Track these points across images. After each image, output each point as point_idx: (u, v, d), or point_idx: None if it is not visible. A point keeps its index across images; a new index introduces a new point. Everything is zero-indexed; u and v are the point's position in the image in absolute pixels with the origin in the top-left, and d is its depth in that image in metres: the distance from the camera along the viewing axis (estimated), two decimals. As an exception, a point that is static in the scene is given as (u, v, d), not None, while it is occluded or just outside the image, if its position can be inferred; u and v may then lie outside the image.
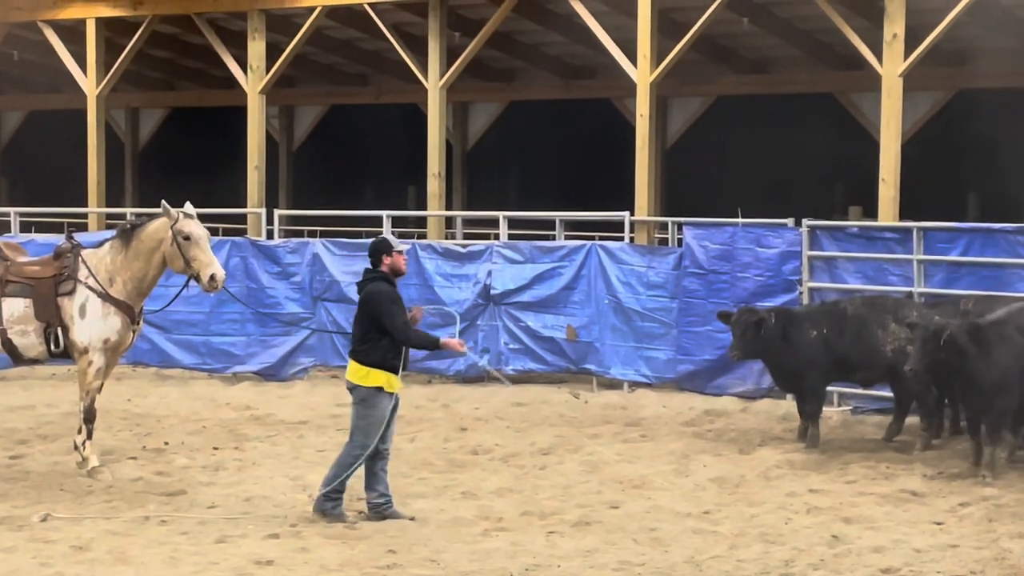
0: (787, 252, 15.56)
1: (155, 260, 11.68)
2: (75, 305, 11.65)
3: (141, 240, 11.72)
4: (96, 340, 11.66)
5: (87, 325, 11.66)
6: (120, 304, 11.67)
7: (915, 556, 9.31)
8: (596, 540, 9.75)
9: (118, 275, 11.70)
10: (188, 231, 11.54)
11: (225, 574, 8.84)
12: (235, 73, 19.76)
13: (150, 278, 11.77)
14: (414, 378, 17.15)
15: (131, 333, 11.86)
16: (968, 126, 22.40)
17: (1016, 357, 11.89)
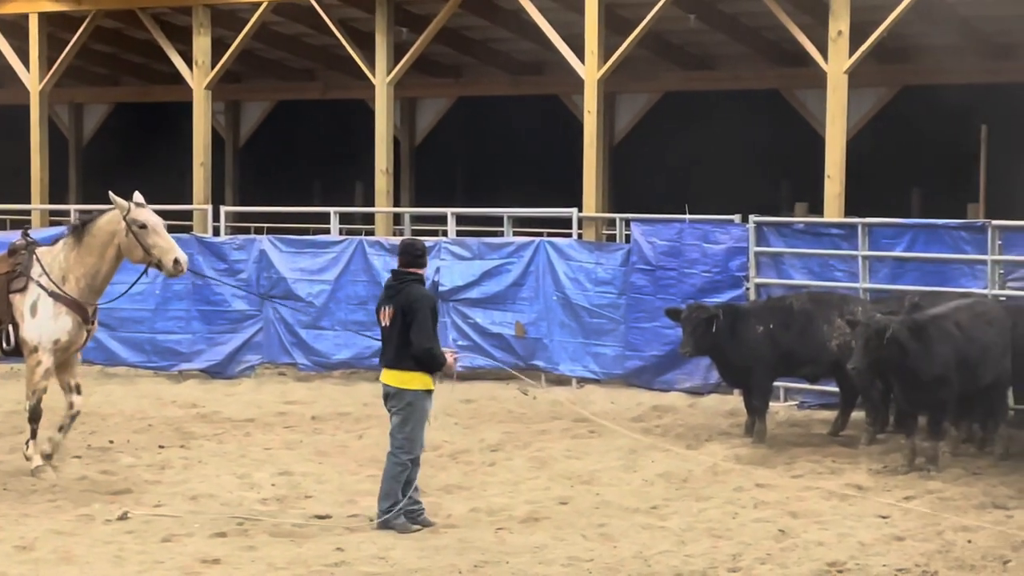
0: (734, 248, 15.64)
1: (108, 254, 11.54)
2: (27, 303, 11.51)
3: (93, 235, 11.58)
4: (46, 340, 11.51)
5: (37, 324, 11.51)
6: (72, 303, 11.52)
7: (861, 550, 9.38)
8: (545, 536, 9.77)
9: (71, 273, 11.55)
10: (143, 219, 11.42)
11: (171, 573, 8.78)
12: (180, 68, 19.62)
13: (103, 274, 11.61)
14: (362, 375, 17.14)
15: (84, 333, 11.70)
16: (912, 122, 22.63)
17: (956, 351, 12.01)
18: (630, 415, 14.76)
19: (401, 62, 18.41)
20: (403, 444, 9.84)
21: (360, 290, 17.33)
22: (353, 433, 13.85)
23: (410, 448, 9.85)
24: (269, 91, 27.75)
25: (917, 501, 10.82)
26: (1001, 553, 9.23)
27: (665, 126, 24.56)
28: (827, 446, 13.09)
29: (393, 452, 9.89)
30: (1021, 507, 10.55)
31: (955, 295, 13.53)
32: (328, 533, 9.84)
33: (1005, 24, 20.05)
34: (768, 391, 13.81)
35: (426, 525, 9.97)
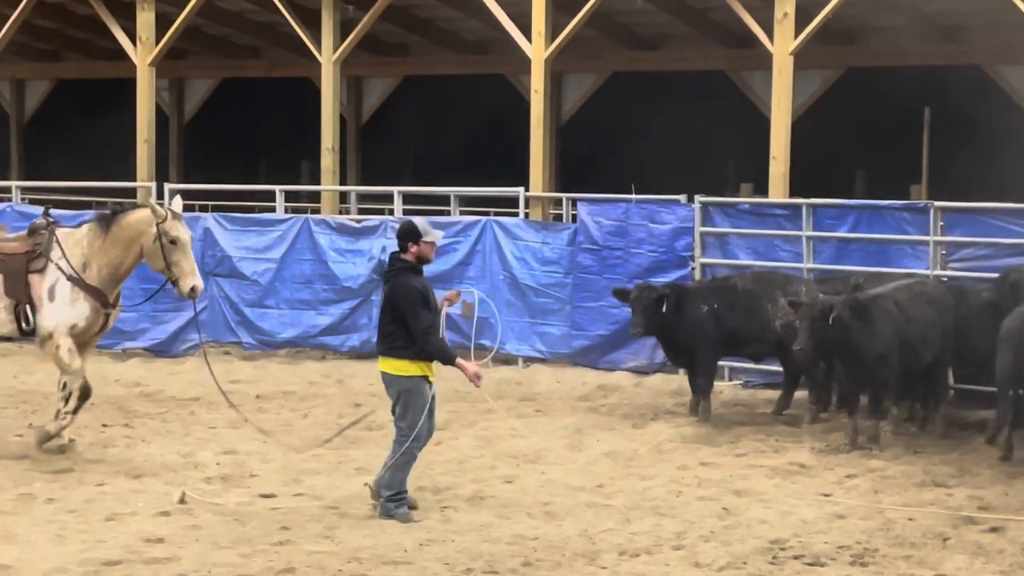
0: (680, 228, 15.70)
1: (133, 250, 11.37)
2: (45, 286, 11.36)
3: (121, 228, 11.39)
4: (62, 325, 11.34)
5: (54, 309, 11.35)
6: (92, 290, 11.36)
7: (803, 527, 9.47)
8: (490, 515, 9.79)
9: (94, 260, 11.38)
10: (175, 235, 11.22)
11: (114, 552, 8.72)
12: (124, 44, 19.44)
13: (126, 267, 11.48)
14: (308, 354, 17.09)
15: (102, 318, 11.53)
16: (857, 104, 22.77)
17: (897, 331, 12.12)
18: (576, 394, 14.81)
19: (347, 40, 18.32)
20: (407, 433, 9.58)
21: (306, 269, 17.26)
22: (298, 412, 13.82)
23: (408, 434, 9.57)
24: (214, 68, 27.52)
25: (859, 479, 10.94)
26: (941, 531, 9.35)
27: (612, 107, 24.60)
28: (771, 425, 13.19)
29: (398, 441, 9.65)
30: (961, 485, 10.69)
31: (898, 275, 13.66)
32: (274, 512, 9.81)
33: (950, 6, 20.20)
34: (712, 370, 13.89)
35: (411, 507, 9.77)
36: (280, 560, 8.58)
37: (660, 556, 8.79)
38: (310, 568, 8.40)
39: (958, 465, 11.34)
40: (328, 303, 17.24)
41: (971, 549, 8.90)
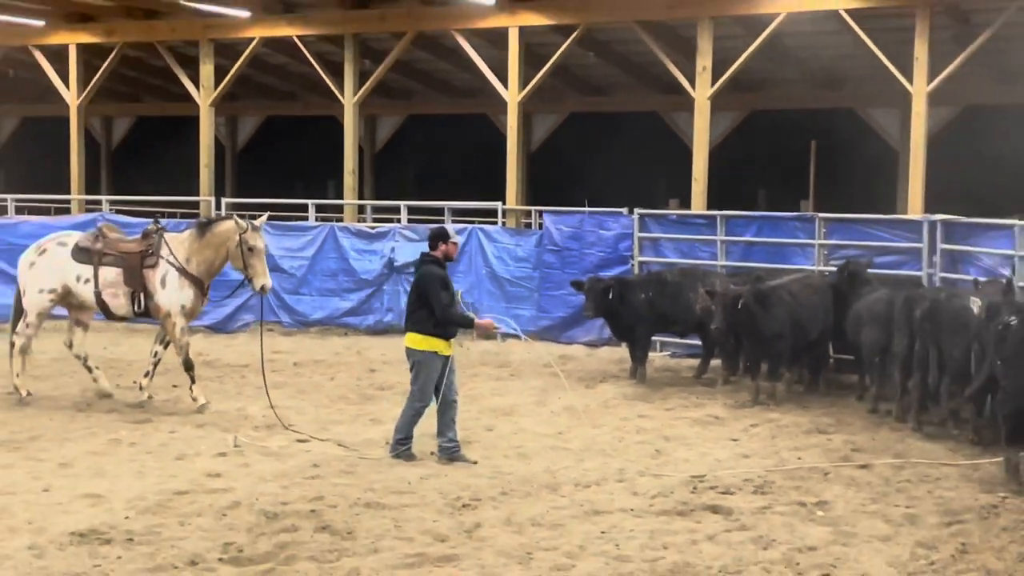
0: (622, 234, 15.70)
1: (222, 252, 11.36)
2: (157, 276, 11.38)
3: (214, 234, 11.37)
4: (175, 305, 11.39)
5: (167, 294, 11.38)
6: (193, 279, 11.40)
7: (717, 464, 9.50)
8: (474, 454, 9.78)
9: (193, 257, 11.40)
10: (253, 243, 11.22)
11: (183, 484, 8.70)
12: (189, 89, 19.34)
13: (217, 264, 11.47)
14: (334, 331, 17.04)
15: (201, 302, 11.59)
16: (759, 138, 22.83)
17: (789, 313, 12.17)
18: (542, 363, 14.78)
19: (364, 87, 18.27)
20: (415, 394, 9.54)
21: (332, 264, 17.21)
22: (326, 376, 13.78)
23: (421, 397, 9.51)
24: (260, 108, 27.44)
25: (760, 428, 10.96)
26: (823, 467, 9.38)
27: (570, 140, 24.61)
28: (692, 386, 13.21)
29: (409, 399, 9.61)
30: (839, 432, 10.72)
31: (790, 271, 13.70)
32: (307, 454, 9.79)
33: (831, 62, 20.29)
34: (648, 344, 13.90)
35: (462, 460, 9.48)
36: (312, 490, 8.57)
37: (606, 487, 8.81)
38: (335, 496, 8.39)
39: (836, 417, 11.37)
40: (349, 291, 17.19)
41: (846, 481, 8.94)
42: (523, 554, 7.21)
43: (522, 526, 7.76)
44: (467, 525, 7.78)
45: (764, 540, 7.46)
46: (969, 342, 10.04)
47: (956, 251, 13.31)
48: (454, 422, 9.67)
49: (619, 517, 7.96)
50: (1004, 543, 7.40)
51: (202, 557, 7.10)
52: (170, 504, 8.17)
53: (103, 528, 7.58)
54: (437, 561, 7.08)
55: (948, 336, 10.30)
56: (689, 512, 8.10)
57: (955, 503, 8.29)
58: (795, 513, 8.08)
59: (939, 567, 6.99)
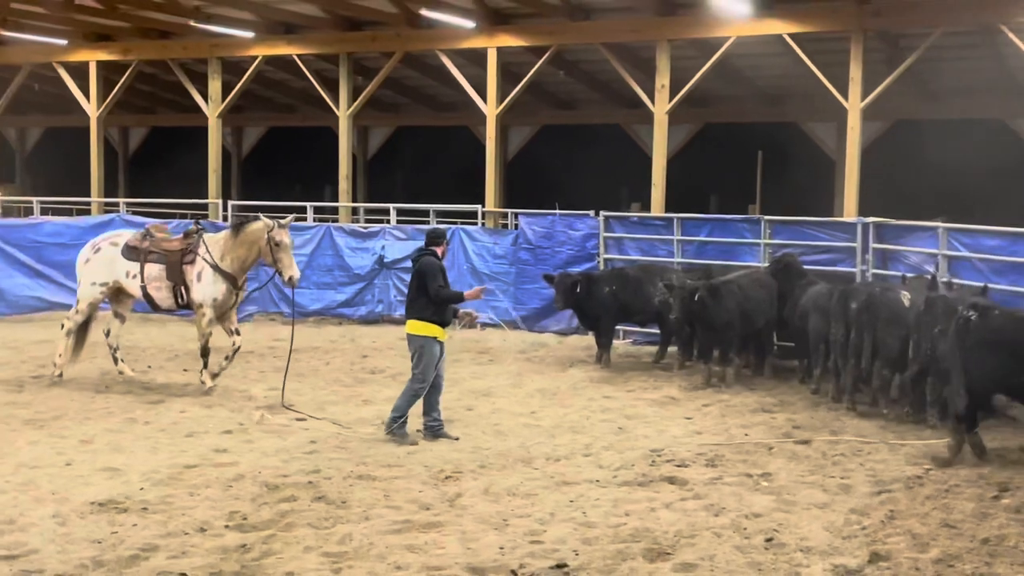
0: (589, 234, 15.71)
1: (254, 250, 11.28)
2: (195, 272, 11.36)
3: (246, 233, 11.29)
4: (208, 298, 11.35)
5: (202, 287, 11.35)
6: (226, 275, 11.34)
7: (673, 440, 9.52)
8: (456, 432, 9.76)
9: (227, 255, 11.34)
10: (279, 239, 11.12)
11: (192, 459, 8.66)
12: (199, 102, 19.20)
13: (250, 261, 11.38)
14: (329, 321, 16.96)
15: (234, 296, 11.48)
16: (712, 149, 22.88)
17: (738, 305, 12.20)
18: (517, 349, 14.80)
19: (357, 101, 18.20)
20: (418, 376, 9.39)
21: (328, 261, 17.15)
22: (322, 360, 13.73)
23: (422, 379, 9.37)
24: (263, 119, 27.26)
25: (712, 407, 10.98)
26: (768, 443, 9.42)
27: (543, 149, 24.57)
28: (651, 370, 13.23)
29: (411, 381, 9.45)
30: (782, 411, 10.76)
31: (739, 267, 13.74)
32: (305, 432, 9.74)
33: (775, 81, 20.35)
34: (612, 333, 13.91)
35: (445, 437, 9.40)
36: (309, 464, 8.54)
37: (574, 460, 8.81)
38: (331, 469, 8.36)
39: (780, 398, 11.41)
40: (344, 285, 17.13)
41: (788, 455, 8.98)
42: (500, 521, 7.21)
43: (499, 496, 7.76)
44: (449, 495, 7.77)
45: (715, 508, 7.49)
46: (902, 331, 10.12)
47: (886, 250, 13.40)
48: (439, 403, 9.62)
49: (586, 487, 7.97)
50: (928, 510, 7.45)
51: (210, 524, 7.07)
52: (181, 477, 8.13)
53: (120, 498, 7.54)
54: (422, 527, 7.07)
55: (883, 326, 10.37)
56: (648, 483, 8.11)
57: (884, 474, 8.34)
58: (742, 484, 8.11)
59: (870, 531, 7.03)
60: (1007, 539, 6.80)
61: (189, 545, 6.71)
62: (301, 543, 6.76)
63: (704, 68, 15.77)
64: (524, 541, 6.83)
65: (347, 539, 6.82)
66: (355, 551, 6.63)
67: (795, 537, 6.91)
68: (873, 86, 14.64)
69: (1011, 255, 11.46)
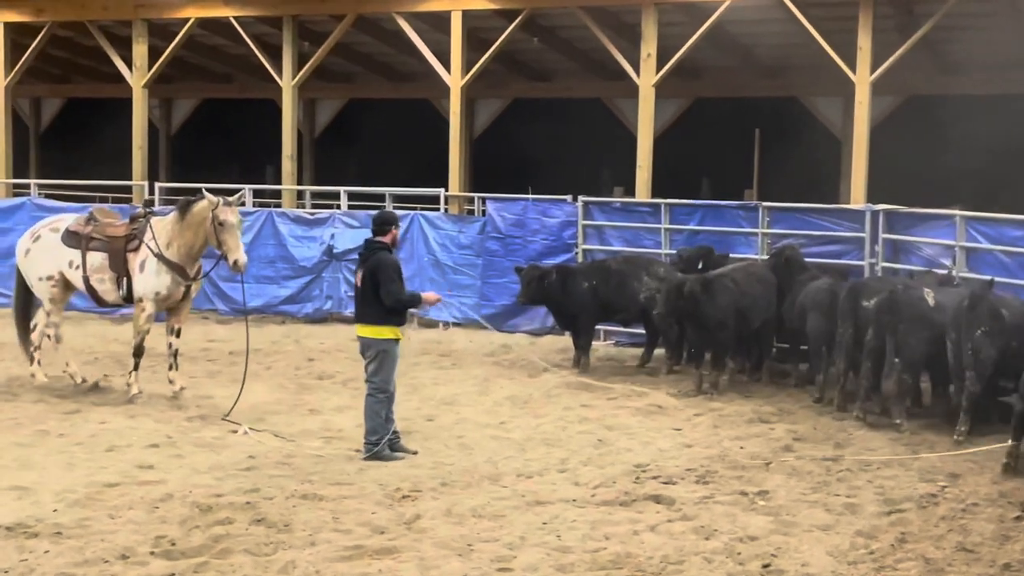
0: (566, 221, 15.74)
1: (200, 234, 11.17)
2: (137, 261, 11.27)
3: (192, 214, 11.20)
4: (149, 291, 11.25)
5: (143, 279, 11.26)
6: (172, 265, 11.22)
7: (660, 454, 9.55)
8: (415, 445, 9.75)
9: (174, 241, 11.24)
10: (223, 218, 11.02)
11: (113, 476, 8.58)
12: (122, 70, 19.04)
13: (197, 247, 11.26)
14: (271, 319, 16.89)
15: (182, 288, 11.36)
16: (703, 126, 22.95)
17: (733, 302, 12.25)
18: (484, 351, 14.82)
19: (303, 69, 18.11)
20: (380, 385, 9.35)
21: (270, 251, 17.08)
22: (263, 365, 13.66)
23: (384, 388, 9.36)
24: (195, 90, 27.06)
25: (703, 417, 11.03)
26: (764, 457, 9.48)
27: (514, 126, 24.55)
28: (635, 375, 13.27)
29: (371, 393, 9.37)
30: (781, 422, 10.83)
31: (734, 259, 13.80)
32: (242, 445, 9.70)
33: (775, 51, 20.44)
34: (591, 333, 13.95)
35: (403, 451, 9.44)
36: (247, 482, 8.49)
37: (549, 477, 8.82)
38: (271, 488, 8.32)
39: (778, 406, 11.48)
40: (288, 279, 17.07)
41: (787, 471, 9.03)
42: (463, 546, 7.20)
43: (463, 517, 7.76)
44: (406, 517, 7.75)
45: (706, 530, 7.52)
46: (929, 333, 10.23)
47: (898, 240, 13.51)
48: (392, 412, 9.57)
49: (561, 508, 7.97)
50: (943, 532, 7.52)
51: (133, 551, 7.01)
52: (100, 497, 8.06)
53: (30, 521, 7.45)
54: (376, 553, 7.05)
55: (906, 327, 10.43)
56: (631, 502, 8.13)
57: (895, 492, 8.41)
58: (736, 503, 8.15)
59: (878, 556, 7.09)
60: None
61: (109, 574, 6.65)
62: (238, 572, 6.72)
63: (695, 36, 15.82)
64: (491, 568, 6.83)
65: (290, 567, 6.79)
66: (299, 581, 6.60)
67: (795, 563, 6.95)
68: (884, 57, 14.75)
69: (1036, 247, 11.57)
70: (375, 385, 9.39)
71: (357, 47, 22.47)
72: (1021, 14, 16.03)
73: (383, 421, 9.39)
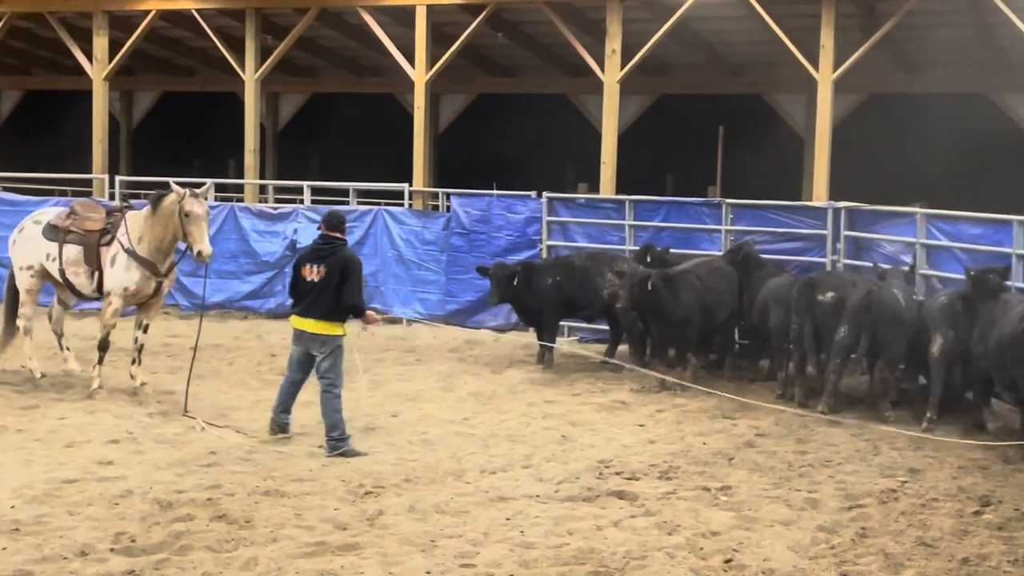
0: (531, 217, 15.73)
1: (170, 227, 11.06)
2: (109, 256, 11.26)
3: (162, 208, 11.11)
4: (118, 286, 11.21)
5: (113, 273, 11.22)
6: (142, 260, 11.16)
7: (623, 450, 9.59)
8: (379, 441, 9.75)
9: (145, 236, 11.18)
10: (189, 209, 10.92)
11: (72, 472, 8.51)
12: (82, 63, 18.85)
13: (168, 241, 11.16)
14: (233, 315, 16.78)
15: (152, 283, 11.28)
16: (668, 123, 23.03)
17: (697, 298, 12.31)
18: (448, 347, 14.80)
19: (266, 63, 18.00)
20: (335, 380, 9.45)
21: (232, 246, 16.95)
22: (225, 361, 13.59)
23: (337, 381, 9.47)
24: (157, 83, 26.81)
25: (666, 413, 11.09)
26: (728, 452, 9.54)
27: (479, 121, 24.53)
28: (599, 371, 13.27)
29: (327, 389, 9.45)
30: (744, 418, 10.89)
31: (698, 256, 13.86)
32: (203, 440, 9.64)
33: (739, 48, 20.54)
34: (555, 329, 13.96)
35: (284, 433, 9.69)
36: (209, 478, 8.44)
37: (512, 473, 8.84)
38: (233, 484, 8.28)
39: (741, 402, 11.48)
40: (250, 274, 16.96)
41: (750, 466, 9.10)
42: (427, 542, 7.20)
43: (426, 513, 7.75)
44: (369, 513, 7.74)
45: (668, 526, 7.56)
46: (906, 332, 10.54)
47: (860, 238, 13.62)
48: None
49: (524, 503, 7.99)
50: (903, 527, 7.60)
51: (92, 547, 6.95)
52: (59, 493, 7.98)
53: (-13, 519, 7.37)
54: (338, 550, 7.03)
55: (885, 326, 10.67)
56: (594, 498, 8.16)
57: (855, 488, 8.49)
58: (699, 498, 8.19)
59: (839, 551, 7.16)
60: (988, 559, 6.97)
61: (68, 571, 6.59)
62: (198, 568, 6.68)
63: (660, 32, 15.87)
64: (454, 564, 6.83)
65: (252, 564, 6.76)
66: (261, 577, 6.57)
67: (757, 558, 7.00)
68: (846, 55, 14.86)
69: (995, 244, 11.71)
70: (330, 381, 9.46)
71: (321, 41, 22.35)
72: (982, 13, 16.20)
73: (341, 416, 9.43)
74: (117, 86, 24.17)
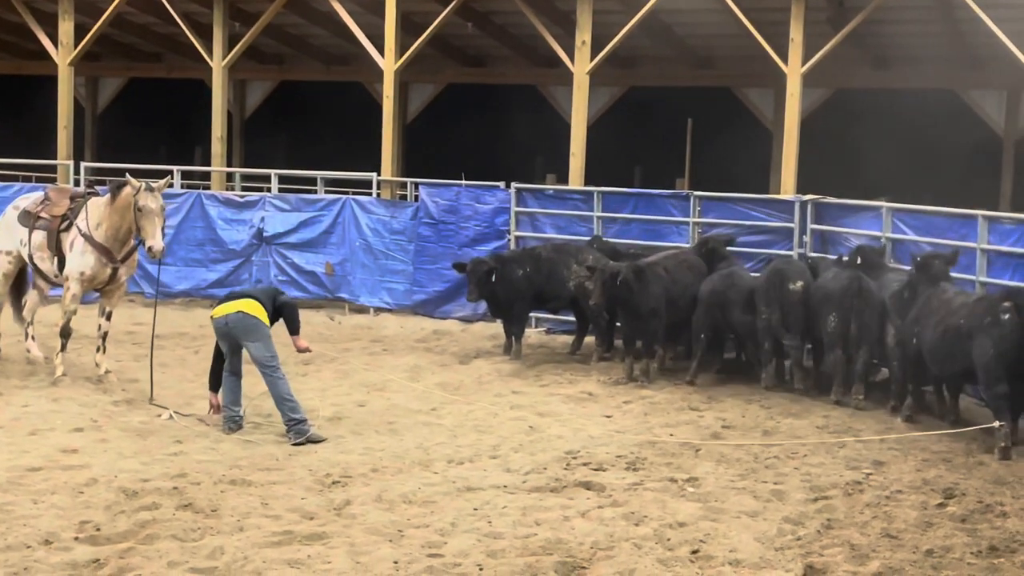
0: (499, 208, 15.72)
1: (127, 218, 11.06)
2: (68, 241, 11.28)
3: (120, 198, 11.11)
4: (74, 271, 11.22)
5: (71, 258, 11.24)
6: (98, 246, 11.15)
7: (590, 441, 9.61)
8: (346, 431, 9.73)
9: (103, 222, 11.17)
10: (142, 203, 10.90)
11: (36, 460, 8.43)
12: (47, 47, 18.64)
13: (124, 230, 11.14)
14: (199, 303, 16.66)
15: (108, 270, 11.26)
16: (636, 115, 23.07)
17: (665, 290, 12.34)
18: (415, 338, 14.78)
19: (234, 50, 17.86)
20: (273, 362, 9.54)
21: (198, 234, 16.84)
22: (190, 349, 13.50)
23: (275, 363, 9.56)
24: (123, 69, 26.54)
25: (633, 405, 11.12)
26: (694, 444, 9.58)
27: (448, 111, 24.48)
28: (566, 363, 13.32)
29: (269, 375, 9.50)
30: (710, 409, 10.95)
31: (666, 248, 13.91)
32: (169, 430, 9.58)
33: (707, 41, 20.60)
34: (523, 320, 13.96)
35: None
36: (174, 467, 8.39)
37: (480, 463, 8.84)
38: (199, 473, 8.24)
39: (708, 394, 11.61)
40: (216, 262, 16.86)
41: (716, 458, 9.15)
42: (394, 531, 7.19)
43: (393, 503, 7.74)
44: (336, 502, 7.72)
45: (636, 516, 7.59)
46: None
47: (826, 231, 13.71)
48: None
49: (492, 494, 7.99)
50: (868, 519, 7.67)
51: (57, 536, 6.90)
52: (22, 481, 7.91)
53: (-52, 507, 7.29)
54: (305, 539, 7.01)
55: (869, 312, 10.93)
56: (562, 489, 8.18)
57: (821, 479, 8.56)
58: (666, 489, 8.23)
59: (805, 542, 7.21)
60: (952, 550, 7.04)
61: (32, 560, 6.54)
62: (164, 557, 6.64)
63: (630, 24, 15.88)
64: (421, 554, 6.82)
65: (218, 553, 6.73)
66: (227, 566, 6.54)
67: (723, 548, 7.04)
68: (815, 50, 14.93)
69: (961, 239, 11.83)
70: (270, 364, 9.54)
71: (289, 28, 22.21)
72: (950, 9, 16.32)
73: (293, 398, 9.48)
74: (82, 71, 23.88)
